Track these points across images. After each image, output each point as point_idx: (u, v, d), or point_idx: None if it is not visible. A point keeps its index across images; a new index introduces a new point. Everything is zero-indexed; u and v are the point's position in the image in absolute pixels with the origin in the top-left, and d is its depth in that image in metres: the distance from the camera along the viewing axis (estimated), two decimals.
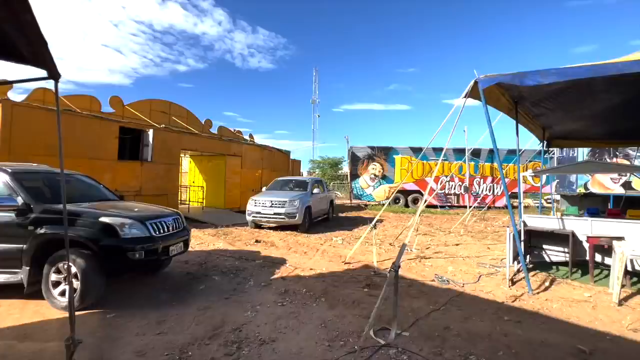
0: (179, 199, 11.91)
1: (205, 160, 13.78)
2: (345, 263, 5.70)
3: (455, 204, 16.63)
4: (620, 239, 4.61)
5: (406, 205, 16.56)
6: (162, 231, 4.02)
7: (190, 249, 6.28)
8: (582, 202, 11.24)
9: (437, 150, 16.91)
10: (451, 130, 4.87)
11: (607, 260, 5.08)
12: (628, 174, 11.16)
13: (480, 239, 8.44)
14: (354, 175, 17.60)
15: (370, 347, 2.84)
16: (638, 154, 10.90)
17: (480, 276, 4.97)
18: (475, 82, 4.46)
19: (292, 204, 8.68)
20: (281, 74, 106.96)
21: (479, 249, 7.16)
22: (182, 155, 13.50)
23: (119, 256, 3.59)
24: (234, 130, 18.23)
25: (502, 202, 15.63)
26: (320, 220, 10.73)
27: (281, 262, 5.71)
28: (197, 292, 4.18)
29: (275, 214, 8.69)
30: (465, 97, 4.54)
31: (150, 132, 9.98)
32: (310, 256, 6.27)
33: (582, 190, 12.06)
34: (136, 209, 4.32)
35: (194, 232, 8.26)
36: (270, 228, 9.26)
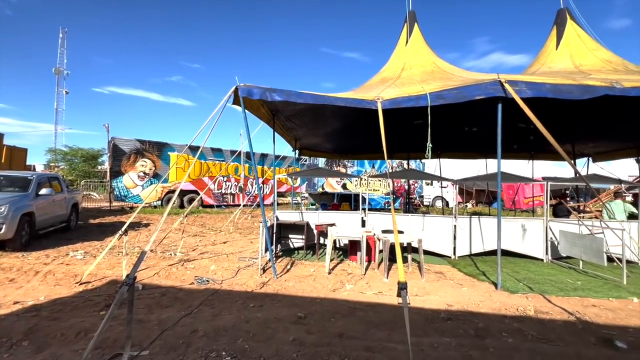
0: None
1: None
2: (81, 284, 4.49)
3: (231, 203, 17.46)
4: (332, 225, 6.38)
5: (181, 206, 15.60)
6: None
7: None
8: (321, 199, 14.96)
9: (216, 151, 17.15)
10: (211, 128, 4.92)
11: (327, 242, 6.89)
12: (344, 178, 15.94)
13: (247, 234, 9.21)
14: (117, 173, 14.61)
15: None
16: (349, 164, 15.86)
17: (238, 270, 5.34)
18: (236, 88, 4.76)
19: None
20: (3, 19, 73.49)
21: (243, 244, 7.76)
22: None
23: None
24: None
25: (270, 199, 17.97)
26: (54, 230, 8.02)
27: None
28: None
29: None
30: (226, 100, 4.74)
31: None
32: (20, 284, 4.46)
33: (320, 189, 16.01)
34: None
35: None
36: None
